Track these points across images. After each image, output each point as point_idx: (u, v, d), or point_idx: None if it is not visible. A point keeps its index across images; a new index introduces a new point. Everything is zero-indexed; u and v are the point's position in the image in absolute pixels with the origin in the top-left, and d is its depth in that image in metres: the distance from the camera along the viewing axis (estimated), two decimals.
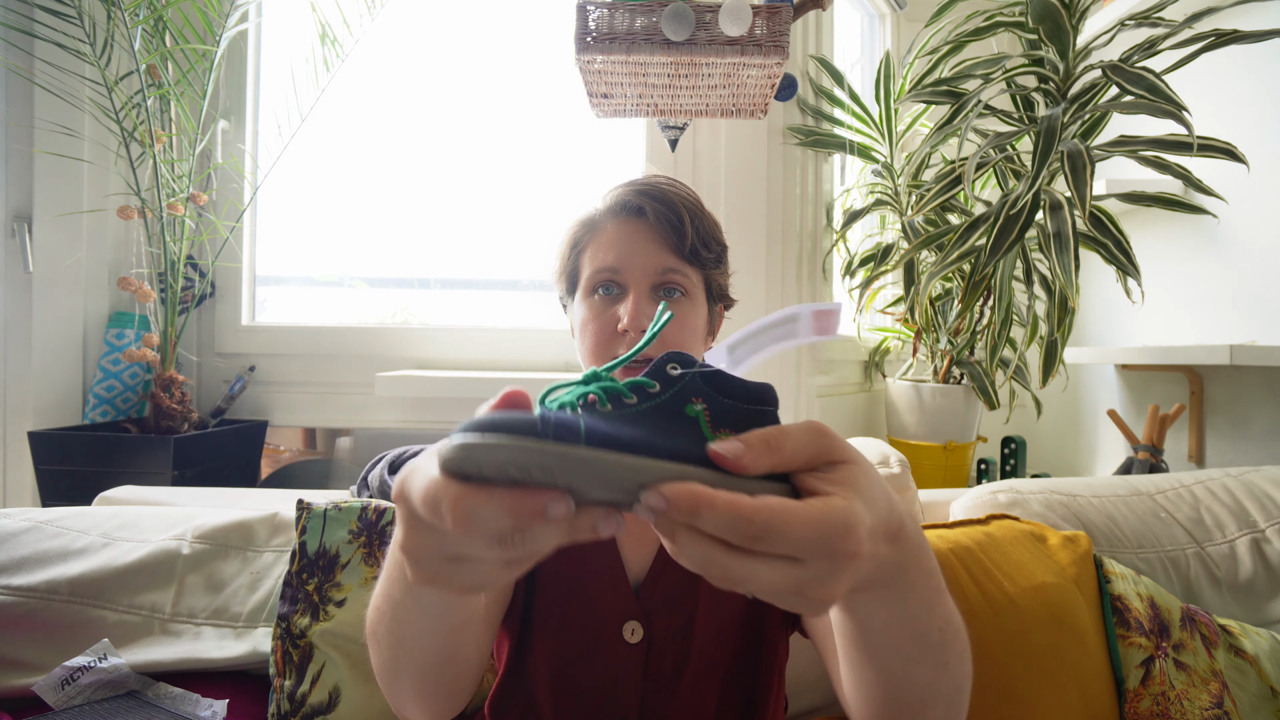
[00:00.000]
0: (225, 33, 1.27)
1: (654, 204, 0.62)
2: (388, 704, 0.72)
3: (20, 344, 1.29)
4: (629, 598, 0.61)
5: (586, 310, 0.63)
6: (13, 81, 1.28)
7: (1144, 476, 1.08)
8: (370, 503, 0.81)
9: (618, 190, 0.65)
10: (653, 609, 0.61)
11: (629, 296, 0.61)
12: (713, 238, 0.65)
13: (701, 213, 0.65)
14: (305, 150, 1.45)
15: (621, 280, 0.62)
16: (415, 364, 1.50)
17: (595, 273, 0.63)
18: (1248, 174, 1.05)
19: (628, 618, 0.61)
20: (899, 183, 1.51)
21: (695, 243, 0.63)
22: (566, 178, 1.60)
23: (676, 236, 0.62)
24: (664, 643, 0.60)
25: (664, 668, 0.60)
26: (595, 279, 0.63)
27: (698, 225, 0.63)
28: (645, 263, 0.62)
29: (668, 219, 0.62)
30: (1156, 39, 1.06)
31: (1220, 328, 1.37)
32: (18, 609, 0.74)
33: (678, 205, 0.62)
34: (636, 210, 0.63)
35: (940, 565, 0.80)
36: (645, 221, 0.63)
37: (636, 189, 0.64)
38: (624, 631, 0.60)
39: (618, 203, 0.64)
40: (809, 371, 1.56)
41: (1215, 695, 0.78)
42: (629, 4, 0.92)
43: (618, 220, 0.64)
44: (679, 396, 0.34)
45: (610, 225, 0.64)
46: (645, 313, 0.60)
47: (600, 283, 0.63)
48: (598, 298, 0.63)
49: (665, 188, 0.64)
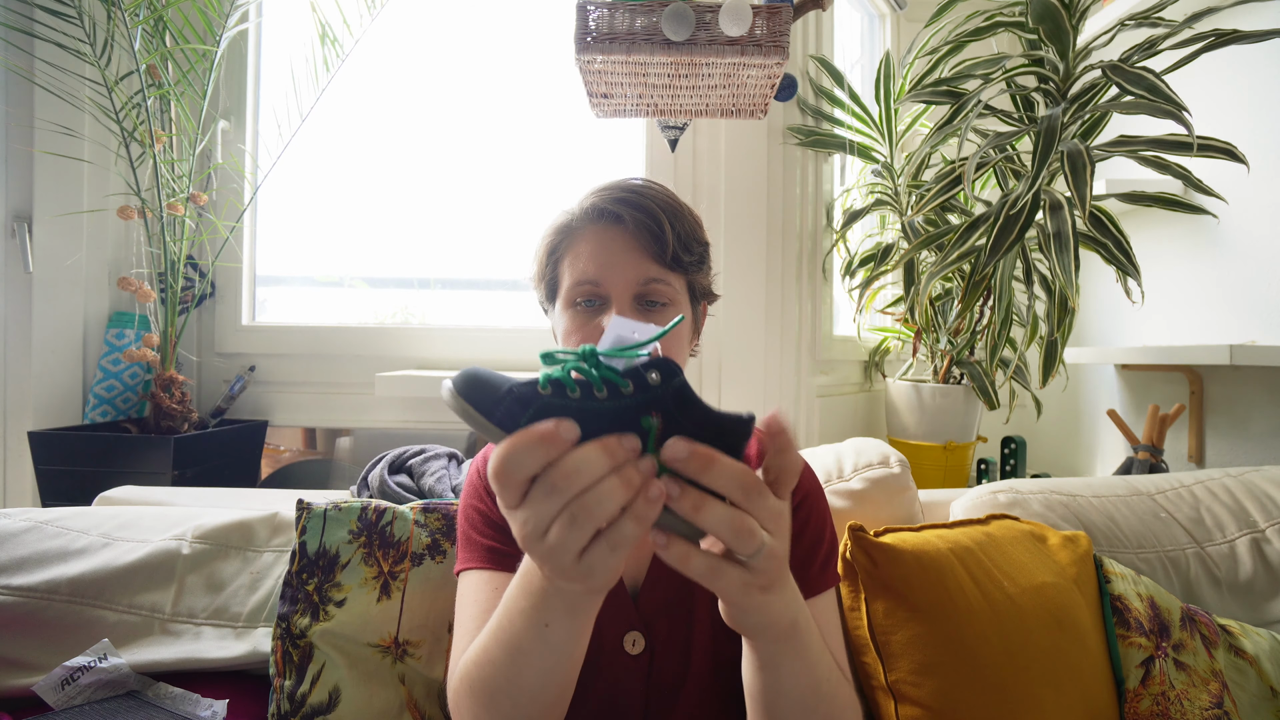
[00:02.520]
0: (225, 33, 1.27)
1: (632, 211, 0.60)
2: (388, 704, 0.72)
3: (20, 344, 1.29)
4: (628, 607, 0.61)
5: (568, 322, 0.62)
6: (13, 81, 1.28)
7: (1144, 476, 1.08)
8: (370, 503, 0.81)
9: (593, 195, 0.63)
10: (651, 617, 0.61)
11: (610, 309, 0.60)
12: (694, 239, 0.64)
13: (680, 215, 0.63)
14: (305, 150, 1.45)
15: (602, 292, 0.60)
16: (415, 364, 1.50)
17: (575, 285, 0.61)
18: (1248, 174, 1.05)
19: (628, 628, 0.61)
20: (899, 183, 1.51)
21: (676, 249, 0.61)
22: (566, 178, 1.60)
23: (657, 245, 0.61)
24: (665, 653, 0.61)
25: (665, 678, 0.60)
26: (576, 291, 0.61)
27: (678, 230, 0.61)
28: (626, 274, 0.60)
29: (647, 227, 0.60)
30: (1156, 39, 1.06)
31: (1220, 328, 1.37)
32: (18, 609, 0.74)
33: (656, 211, 0.61)
34: (614, 218, 0.61)
35: (940, 565, 0.81)
36: (624, 229, 0.61)
37: (613, 195, 0.62)
38: (625, 643, 0.61)
39: (594, 209, 0.62)
40: (809, 371, 1.56)
41: (1215, 695, 0.78)
42: (629, 4, 0.92)
43: (595, 228, 0.62)
44: (643, 405, 0.35)
45: (588, 233, 0.62)
46: None
47: (581, 296, 0.61)
48: (579, 309, 0.62)
49: (643, 191, 0.62)
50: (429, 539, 0.79)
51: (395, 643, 0.74)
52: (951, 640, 0.74)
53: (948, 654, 0.74)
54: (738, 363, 1.47)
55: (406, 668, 0.74)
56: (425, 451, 1.01)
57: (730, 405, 1.46)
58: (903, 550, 0.79)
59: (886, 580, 0.78)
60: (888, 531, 0.83)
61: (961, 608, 0.76)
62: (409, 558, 0.78)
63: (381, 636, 0.74)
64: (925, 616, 0.76)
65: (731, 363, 1.47)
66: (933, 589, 0.77)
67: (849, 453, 0.99)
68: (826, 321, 1.64)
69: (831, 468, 0.96)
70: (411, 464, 0.99)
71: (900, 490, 0.93)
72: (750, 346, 1.47)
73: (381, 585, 0.76)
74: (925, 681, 0.73)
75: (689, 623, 0.61)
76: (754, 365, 1.48)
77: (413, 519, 0.80)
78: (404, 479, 0.96)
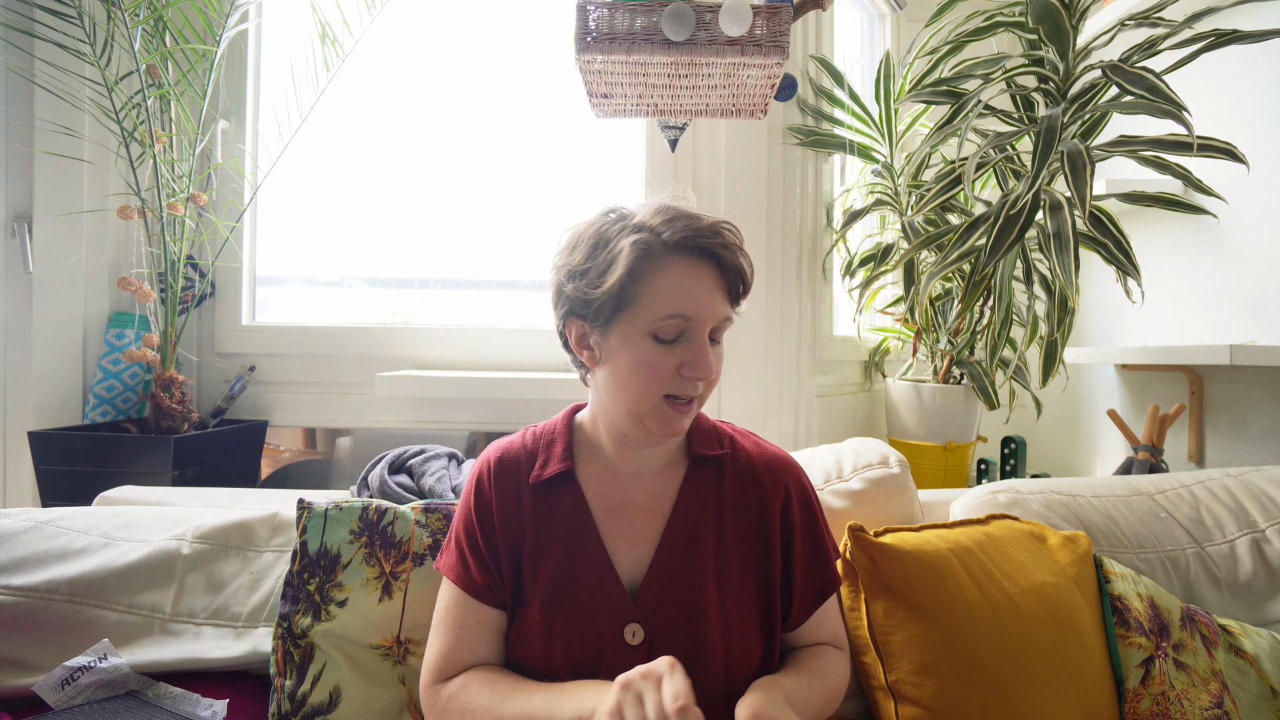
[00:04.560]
0: (225, 33, 1.27)
1: (724, 251, 0.62)
2: (388, 704, 0.72)
3: (20, 344, 1.29)
4: (625, 601, 0.63)
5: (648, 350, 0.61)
6: (13, 81, 1.28)
7: (1144, 476, 1.08)
8: (371, 503, 0.81)
9: (680, 225, 0.62)
10: (651, 610, 0.62)
11: (694, 342, 0.62)
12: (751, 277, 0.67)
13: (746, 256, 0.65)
14: (305, 150, 1.45)
15: (691, 328, 0.62)
16: (415, 364, 1.50)
17: (668, 316, 0.60)
18: (1248, 174, 1.05)
19: (627, 621, 0.62)
20: (899, 183, 1.51)
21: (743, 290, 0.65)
22: (566, 178, 1.60)
23: (741, 288, 0.64)
24: (666, 643, 0.61)
25: None
26: (667, 324, 0.60)
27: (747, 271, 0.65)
28: (713, 311, 0.62)
29: (738, 272, 0.63)
30: (1156, 39, 1.06)
31: (1220, 328, 1.37)
32: (18, 609, 0.74)
33: (742, 258, 0.64)
34: (708, 254, 0.62)
35: (940, 565, 0.81)
36: (714, 269, 0.63)
37: (705, 233, 0.62)
38: (625, 635, 0.62)
39: (686, 242, 0.61)
40: (809, 371, 1.56)
41: (1215, 695, 0.78)
42: (629, 4, 0.92)
43: (687, 261, 0.62)
44: None
45: (678, 264, 0.61)
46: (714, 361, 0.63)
47: (674, 329, 0.61)
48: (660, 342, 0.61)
49: (730, 236, 0.64)
50: (430, 539, 0.79)
51: (397, 643, 0.74)
52: (951, 640, 0.74)
53: (948, 654, 0.74)
54: (738, 363, 1.47)
55: (407, 668, 0.74)
56: (425, 451, 1.01)
57: (731, 406, 1.46)
58: (903, 550, 0.79)
59: (886, 580, 0.78)
60: (888, 531, 0.83)
61: (961, 608, 0.76)
62: (410, 558, 0.78)
63: (384, 637, 0.74)
64: (925, 616, 0.76)
65: (731, 363, 1.46)
66: (933, 589, 0.77)
67: (849, 453, 0.99)
68: (826, 321, 1.64)
69: (831, 468, 0.96)
70: (411, 464, 0.99)
71: (900, 490, 0.93)
72: (750, 346, 1.47)
73: (383, 585, 0.76)
74: (925, 681, 0.73)
75: (693, 614, 0.63)
76: (754, 365, 1.48)
77: (414, 519, 0.80)
78: (404, 479, 0.96)
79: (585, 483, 0.68)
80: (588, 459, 0.70)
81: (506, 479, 0.68)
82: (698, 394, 0.63)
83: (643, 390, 0.62)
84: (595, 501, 0.67)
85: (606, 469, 0.69)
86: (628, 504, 0.67)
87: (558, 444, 0.69)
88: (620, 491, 0.68)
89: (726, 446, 0.71)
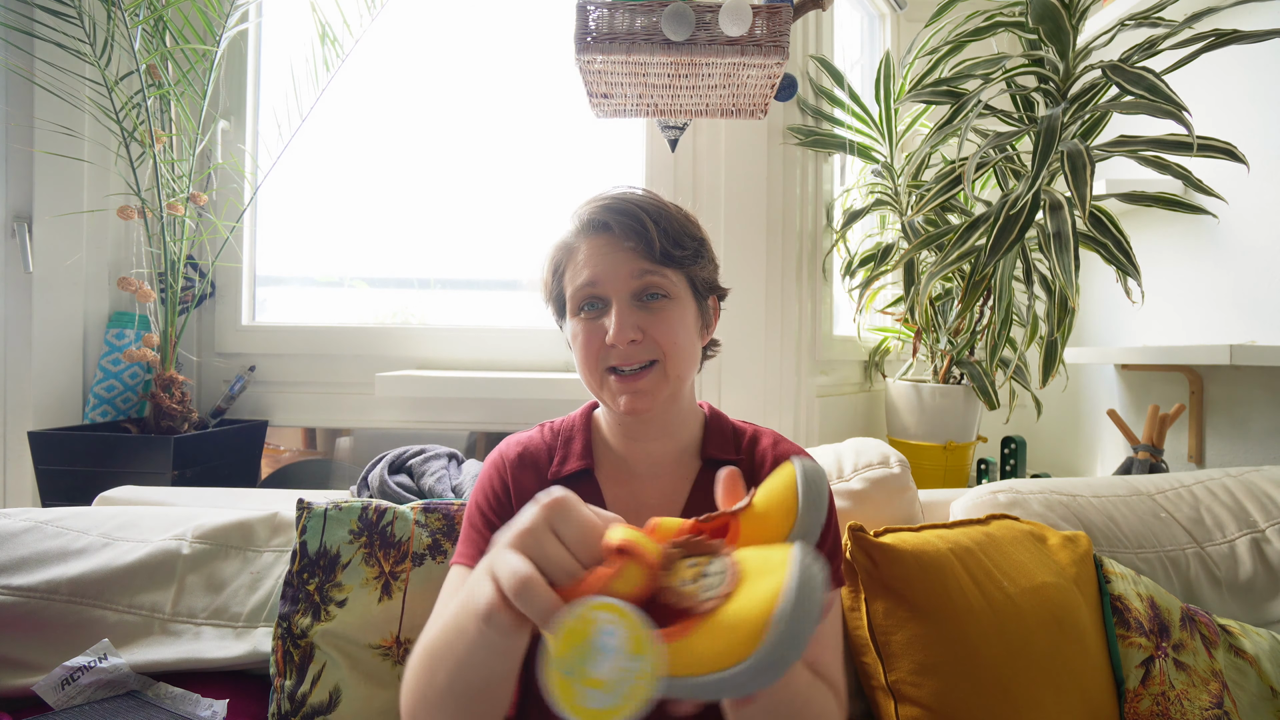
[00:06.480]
0: (225, 33, 1.27)
1: (617, 216, 0.65)
2: (388, 704, 0.72)
3: (20, 344, 1.29)
4: None
5: (575, 326, 0.67)
6: (13, 81, 1.28)
7: (1144, 476, 1.08)
8: (371, 502, 0.81)
9: (584, 209, 0.68)
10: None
11: (612, 309, 0.64)
12: (684, 234, 0.67)
13: (665, 212, 0.67)
14: (305, 150, 1.45)
15: (602, 294, 0.65)
16: (415, 364, 1.50)
17: (576, 291, 0.66)
18: (1248, 174, 1.05)
19: None
20: (899, 183, 1.51)
21: (664, 245, 0.65)
22: (566, 178, 1.60)
23: (644, 243, 0.65)
24: None
25: None
26: (578, 298, 0.66)
27: (663, 227, 0.65)
28: (620, 272, 0.64)
29: (632, 228, 0.64)
30: (1156, 39, 1.06)
31: (1220, 328, 1.37)
32: (18, 609, 0.74)
33: (638, 213, 0.65)
34: (603, 226, 0.66)
35: (940, 565, 0.81)
36: (613, 235, 0.65)
37: (599, 205, 0.66)
38: None
39: (586, 222, 0.67)
40: (809, 371, 1.56)
41: (1215, 695, 0.78)
42: (629, 4, 0.92)
43: (589, 239, 0.66)
44: None
45: (583, 244, 0.67)
46: (629, 323, 0.63)
47: (583, 300, 0.66)
48: (584, 315, 0.66)
49: (624, 196, 0.67)
50: (430, 539, 0.79)
51: (397, 643, 0.74)
52: (951, 640, 0.74)
53: (948, 654, 0.74)
54: (738, 363, 1.47)
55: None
56: (425, 451, 1.01)
57: (731, 405, 1.46)
58: (903, 550, 0.79)
59: (886, 580, 0.78)
60: (888, 531, 0.83)
61: (961, 608, 0.76)
62: (410, 558, 0.78)
63: (383, 637, 0.74)
64: (925, 617, 0.76)
65: (731, 363, 1.47)
66: (933, 589, 0.77)
67: (849, 453, 0.99)
68: (826, 321, 1.64)
69: (831, 468, 0.96)
70: (411, 464, 0.99)
71: (900, 490, 0.93)
72: (750, 346, 1.47)
73: (383, 585, 0.76)
74: (925, 682, 0.73)
75: None
76: (754, 365, 1.48)
77: (413, 519, 0.80)
78: (404, 479, 0.96)
79: (603, 483, 0.69)
80: (604, 457, 0.71)
81: (526, 468, 0.69)
82: (638, 362, 0.64)
83: (585, 366, 0.66)
84: (613, 505, 0.67)
85: (621, 469, 0.70)
86: (642, 506, 0.68)
87: (576, 440, 0.71)
88: (634, 494, 0.68)
89: (743, 451, 0.71)
